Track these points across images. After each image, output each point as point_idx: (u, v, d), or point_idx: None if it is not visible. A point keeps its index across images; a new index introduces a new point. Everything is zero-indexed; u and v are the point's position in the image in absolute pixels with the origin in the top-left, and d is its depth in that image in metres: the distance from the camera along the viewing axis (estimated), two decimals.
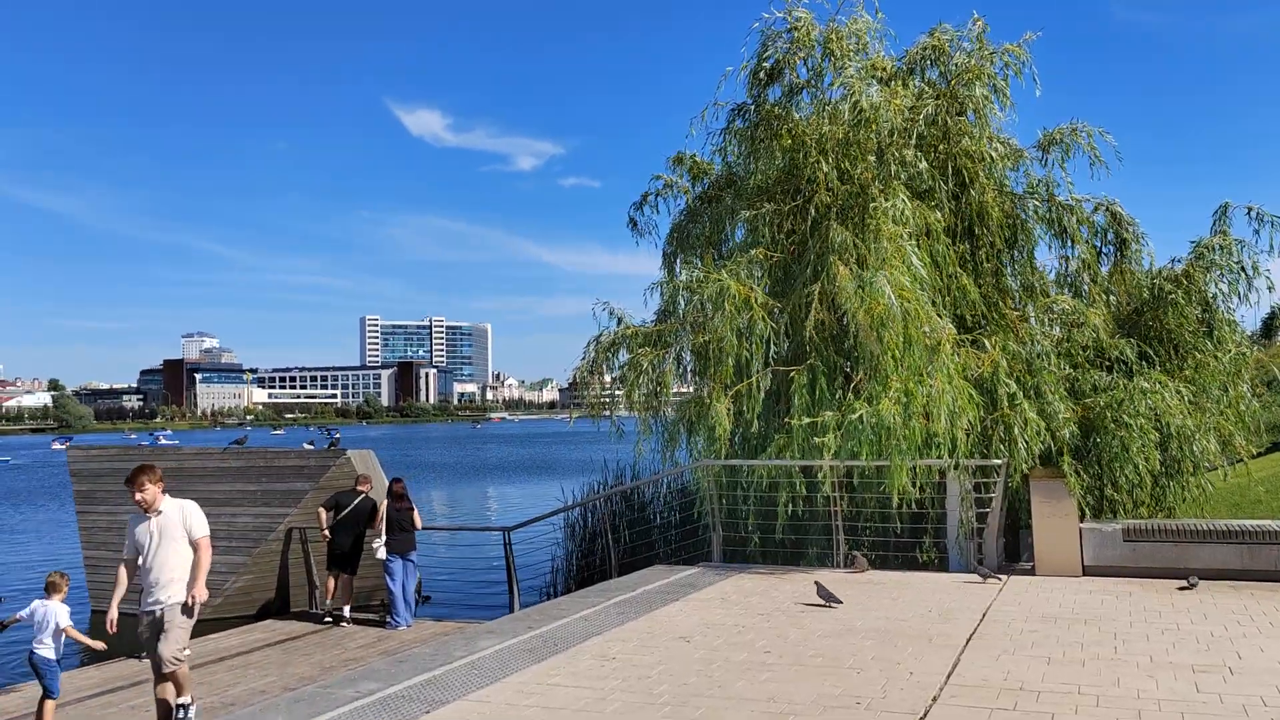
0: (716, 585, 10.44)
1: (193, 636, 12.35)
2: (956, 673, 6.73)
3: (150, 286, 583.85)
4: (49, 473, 66.48)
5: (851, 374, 11.96)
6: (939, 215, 12.13)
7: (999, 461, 11.14)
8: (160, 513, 7.58)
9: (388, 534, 12.27)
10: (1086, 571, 10.48)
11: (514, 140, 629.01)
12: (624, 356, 12.28)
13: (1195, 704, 5.89)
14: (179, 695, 7.76)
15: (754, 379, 11.65)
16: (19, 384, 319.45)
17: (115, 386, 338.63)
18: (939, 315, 11.23)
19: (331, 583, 12.91)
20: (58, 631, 8.61)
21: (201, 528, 7.65)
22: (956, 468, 10.99)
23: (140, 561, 7.60)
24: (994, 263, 12.95)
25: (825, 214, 12.00)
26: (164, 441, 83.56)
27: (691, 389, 12.83)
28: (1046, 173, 13.25)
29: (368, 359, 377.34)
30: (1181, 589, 9.49)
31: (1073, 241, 13.01)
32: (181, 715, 7.69)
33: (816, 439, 10.89)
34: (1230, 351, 12.35)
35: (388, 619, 12.53)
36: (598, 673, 6.95)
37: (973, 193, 12.61)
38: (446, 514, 34.62)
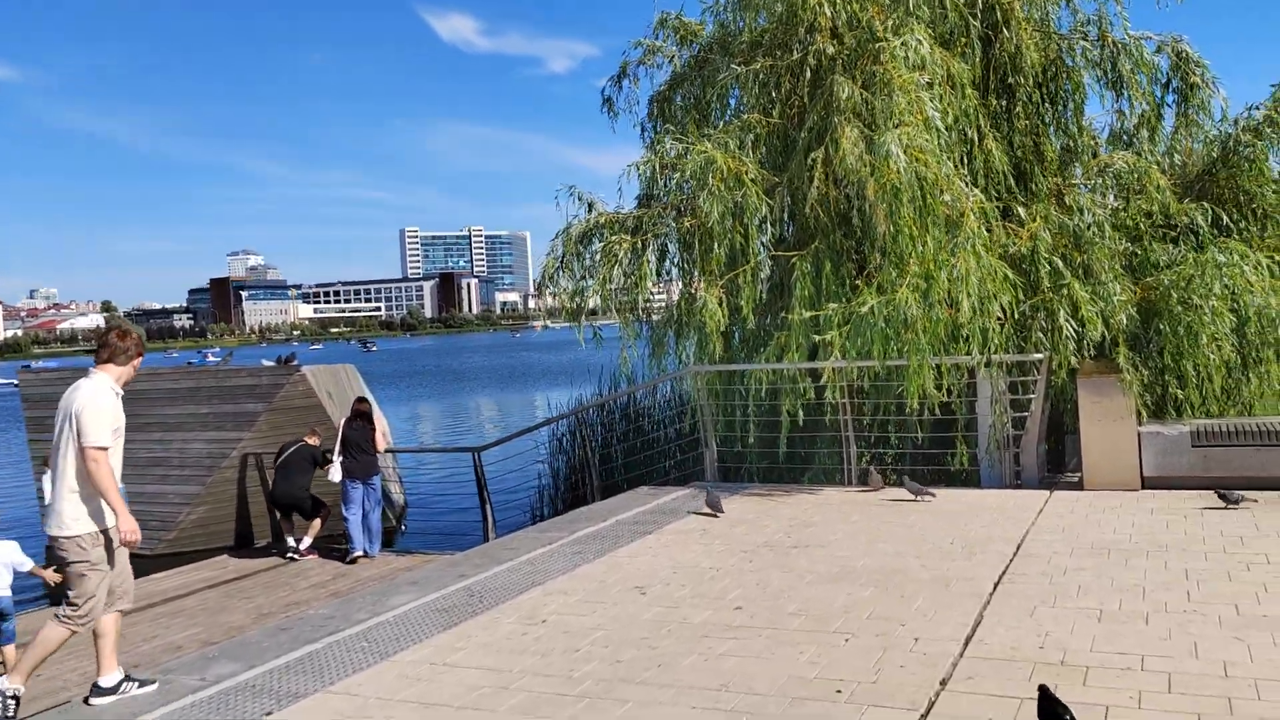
0: (702, 512, 8.88)
1: (139, 575, 11.26)
2: (977, 637, 5.11)
3: (196, 205, 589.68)
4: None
5: (864, 259, 10.13)
6: (964, 65, 10.06)
7: (1039, 356, 9.33)
8: None
9: (345, 455, 10.88)
10: (1146, 484, 8.74)
11: (548, 43, 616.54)
12: (598, 246, 10.51)
13: None
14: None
15: (749, 265, 9.88)
16: (74, 306, 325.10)
17: (167, 306, 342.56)
18: (964, 183, 9.29)
19: (285, 525, 11.68)
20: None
21: None
22: (988, 365, 9.22)
23: None
24: (1032, 120, 10.87)
25: (829, 67, 9.99)
26: (211, 359, 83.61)
27: (680, 287, 11.08)
28: (1099, 7, 11.02)
29: (409, 271, 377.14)
30: (1224, 506, 7.75)
31: (1130, 91, 10.84)
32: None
33: (818, 336, 9.16)
34: None
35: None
36: (515, 644, 5.44)
37: (1007, 34, 10.48)
38: (450, 428, 33.44)
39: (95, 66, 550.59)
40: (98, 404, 4.97)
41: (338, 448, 10.99)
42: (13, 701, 5.07)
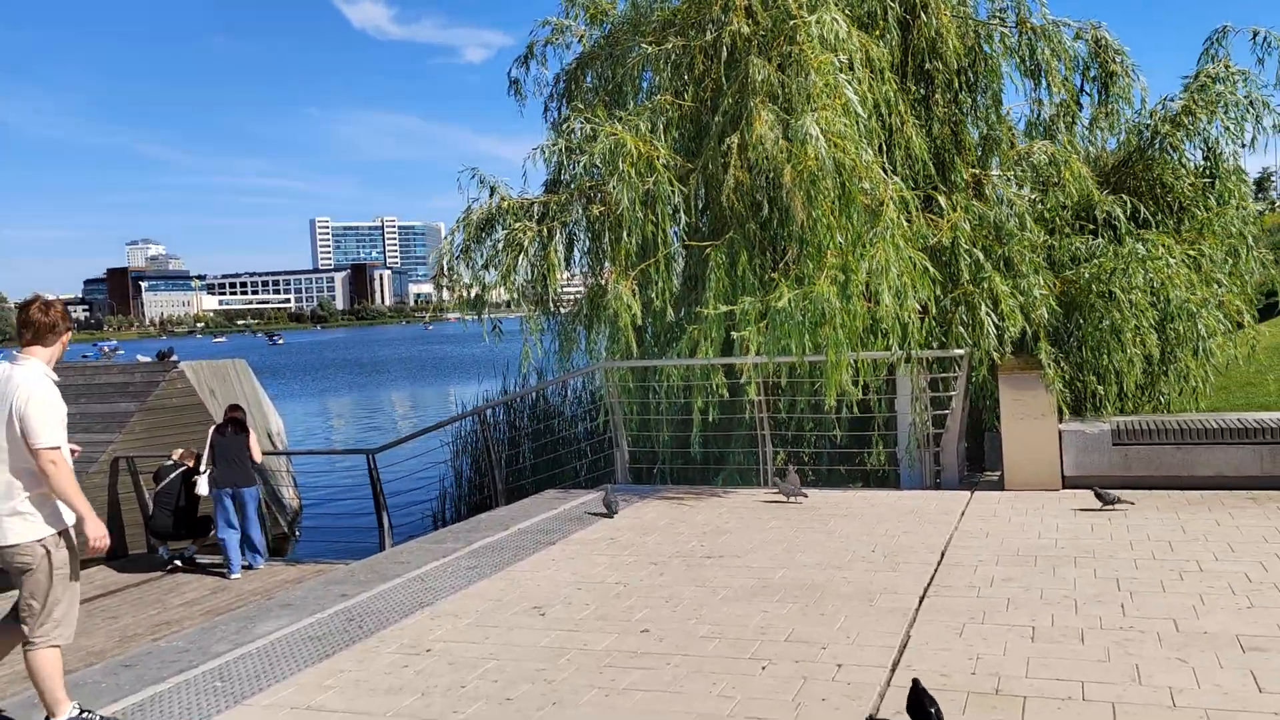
0: (610, 519, 8.32)
1: None
2: (904, 662, 4.66)
3: (93, 194, 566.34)
4: None
5: (780, 250, 9.70)
6: (884, 49, 9.69)
7: (960, 351, 9.02)
8: None
9: (214, 465, 10.00)
10: (1067, 484, 8.48)
11: (461, 31, 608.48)
12: (500, 234, 9.85)
13: (1263, 715, 3.86)
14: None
15: (662, 255, 9.35)
16: None
17: (61, 297, 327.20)
18: (884, 171, 8.91)
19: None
20: None
21: None
22: (908, 360, 8.87)
23: None
24: (951, 109, 10.57)
25: (744, 48, 9.51)
26: (106, 351, 79.78)
27: (587, 280, 10.49)
28: None
29: (320, 262, 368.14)
30: (1103, 508, 7.54)
31: (1049, 79, 10.60)
32: None
33: (736, 333, 8.69)
34: (1236, 208, 10.16)
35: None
36: (393, 679, 4.80)
37: (925, 19, 10.13)
38: (359, 422, 32.29)
39: None
40: (41, 396, 4.22)
41: (206, 457, 10.12)
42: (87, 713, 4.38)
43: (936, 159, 10.35)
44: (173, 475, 10.58)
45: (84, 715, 4.46)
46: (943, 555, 6.57)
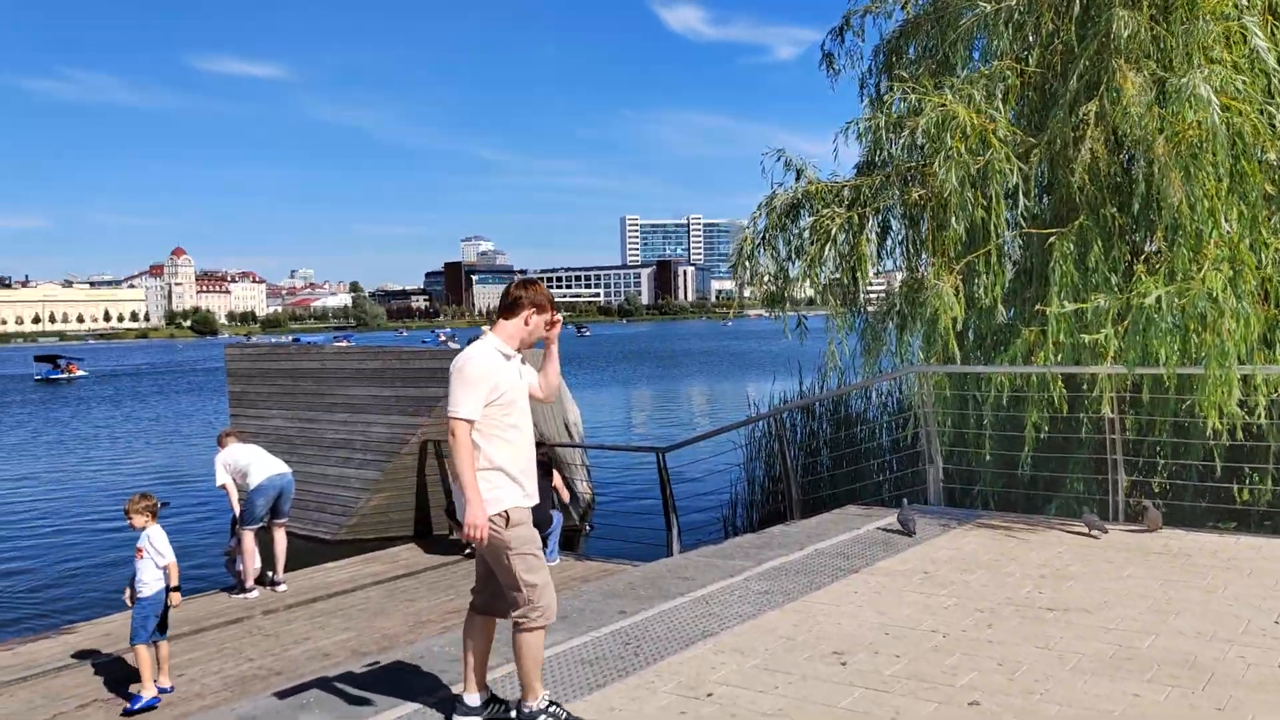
0: (923, 545, 7.24)
1: (315, 563, 10.82)
2: None
3: (432, 192, 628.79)
4: None
5: (1139, 240, 8.13)
6: None
7: None
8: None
9: None
10: None
11: (774, 30, 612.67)
12: (806, 221, 8.96)
13: None
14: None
15: (993, 245, 8.07)
16: (326, 286, 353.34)
17: (406, 288, 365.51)
18: None
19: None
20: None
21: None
22: None
23: None
24: None
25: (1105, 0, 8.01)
26: (443, 338, 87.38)
27: (901, 273, 9.37)
28: None
29: (628, 258, 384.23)
30: None
31: None
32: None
33: (1088, 336, 7.29)
34: None
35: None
36: None
37: None
38: (654, 417, 32.42)
39: (348, 63, 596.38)
40: (459, 368, 4.10)
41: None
42: (554, 708, 4.18)
43: None
44: None
45: (551, 708, 4.14)
46: None
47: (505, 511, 4.04)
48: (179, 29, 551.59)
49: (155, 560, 6.67)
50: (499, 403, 4.08)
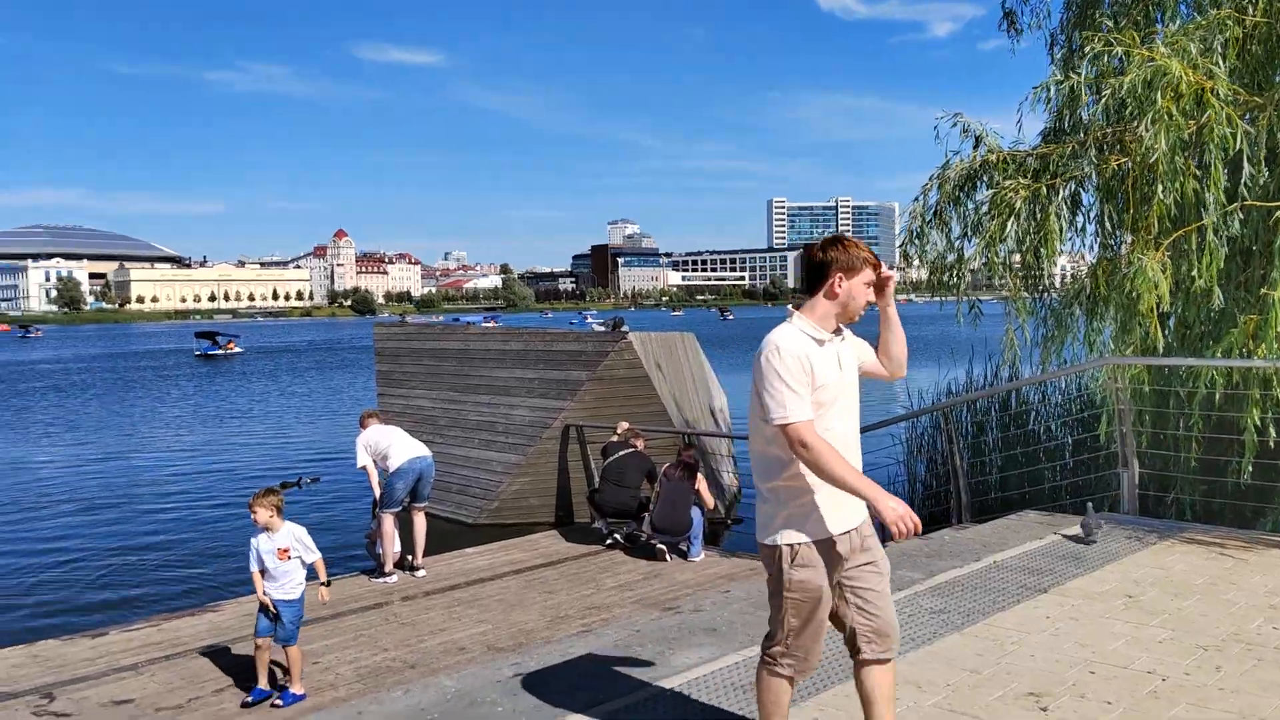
0: (1122, 561, 6.34)
1: (456, 547, 10.68)
2: None
3: (579, 177, 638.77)
4: None
5: None
6: None
7: None
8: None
9: (655, 506, 9.83)
10: None
11: (928, 6, 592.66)
12: (984, 195, 8.07)
13: None
14: None
15: (1209, 220, 7.03)
16: (478, 268, 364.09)
17: (554, 270, 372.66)
18: None
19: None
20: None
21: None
22: None
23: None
24: None
25: None
26: (589, 322, 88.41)
27: (1091, 253, 8.36)
28: None
29: (774, 241, 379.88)
30: None
31: None
32: None
33: None
34: None
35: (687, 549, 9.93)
36: None
37: None
38: None
39: (500, 50, 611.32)
40: (764, 363, 3.16)
41: (651, 499, 10.03)
42: None
43: None
44: (620, 454, 10.26)
45: None
46: None
47: (795, 546, 3.20)
48: (343, 19, 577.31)
49: (304, 557, 6.47)
50: (826, 401, 3.17)
